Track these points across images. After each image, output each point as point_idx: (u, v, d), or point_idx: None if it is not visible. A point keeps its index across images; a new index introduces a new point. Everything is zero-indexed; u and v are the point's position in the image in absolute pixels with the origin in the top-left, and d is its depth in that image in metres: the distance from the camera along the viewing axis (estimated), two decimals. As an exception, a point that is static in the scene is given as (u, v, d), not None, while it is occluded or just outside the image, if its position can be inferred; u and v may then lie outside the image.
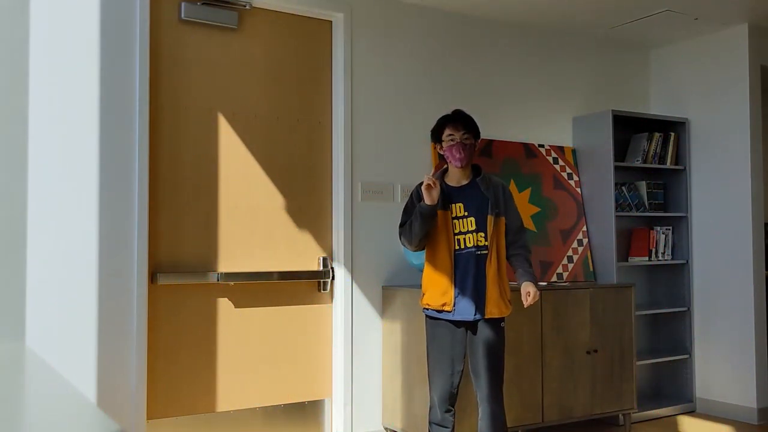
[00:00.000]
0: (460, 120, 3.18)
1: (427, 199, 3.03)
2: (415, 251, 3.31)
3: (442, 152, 3.22)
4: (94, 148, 3.32)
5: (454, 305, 3.10)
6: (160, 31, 3.56)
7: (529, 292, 3.10)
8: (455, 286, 3.11)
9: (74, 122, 3.28)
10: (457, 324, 3.14)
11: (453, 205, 3.16)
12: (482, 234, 3.12)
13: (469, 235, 3.12)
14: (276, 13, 3.91)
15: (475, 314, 3.09)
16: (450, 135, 3.16)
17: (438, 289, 3.14)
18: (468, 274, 3.10)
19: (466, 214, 3.14)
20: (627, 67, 5.16)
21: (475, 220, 3.12)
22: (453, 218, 3.15)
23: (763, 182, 4.73)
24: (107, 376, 3.28)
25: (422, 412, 3.44)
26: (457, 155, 3.14)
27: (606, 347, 4.15)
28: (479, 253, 3.11)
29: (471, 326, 3.13)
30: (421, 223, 3.08)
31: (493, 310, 3.10)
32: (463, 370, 3.16)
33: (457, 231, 3.13)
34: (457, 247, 3.13)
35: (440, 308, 3.13)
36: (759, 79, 4.70)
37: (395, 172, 4.15)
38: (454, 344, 3.14)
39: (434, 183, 3.02)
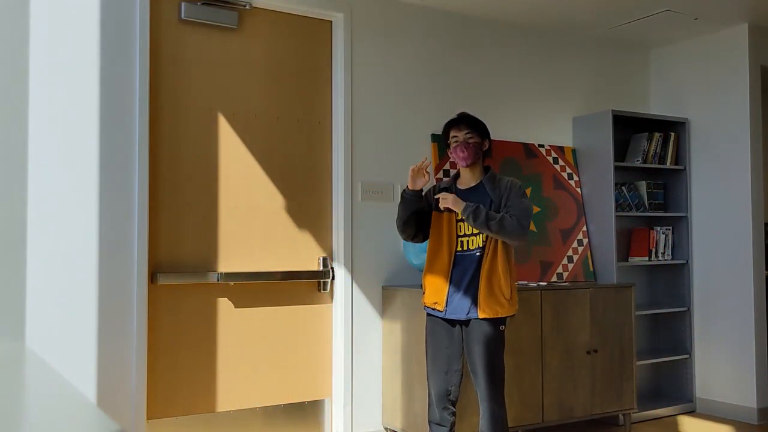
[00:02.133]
0: (462, 121, 3.21)
1: (410, 184, 3.12)
2: (406, 240, 3.33)
3: (451, 156, 3.25)
4: (94, 148, 3.32)
5: (446, 304, 3.11)
6: (160, 31, 3.56)
7: (446, 198, 3.08)
8: (450, 286, 3.12)
9: (74, 122, 3.28)
10: (452, 323, 3.15)
11: None
12: (483, 234, 3.12)
13: (473, 237, 3.13)
14: (276, 13, 3.91)
15: (468, 313, 3.09)
16: (454, 137, 3.20)
17: (433, 288, 3.17)
18: (466, 274, 3.10)
19: None
20: (627, 67, 5.15)
21: None
22: (458, 220, 3.16)
23: (763, 182, 4.73)
24: (107, 376, 3.28)
25: (422, 412, 3.44)
26: (461, 154, 3.16)
27: (606, 347, 4.15)
28: (480, 254, 3.11)
29: (466, 325, 3.14)
30: (402, 207, 3.17)
31: (481, 310, 3.07)
32: (461, 370, 3.17)
33: (461, 233, 3.15)
34: (459, 249, 3.14)
35: (433, 306, 3.17)
36: (759, 79, 4.70)
37: (395, 172, 4.15)
38: (450, 343, 3.15)
39: (418, 170, 3.09)
